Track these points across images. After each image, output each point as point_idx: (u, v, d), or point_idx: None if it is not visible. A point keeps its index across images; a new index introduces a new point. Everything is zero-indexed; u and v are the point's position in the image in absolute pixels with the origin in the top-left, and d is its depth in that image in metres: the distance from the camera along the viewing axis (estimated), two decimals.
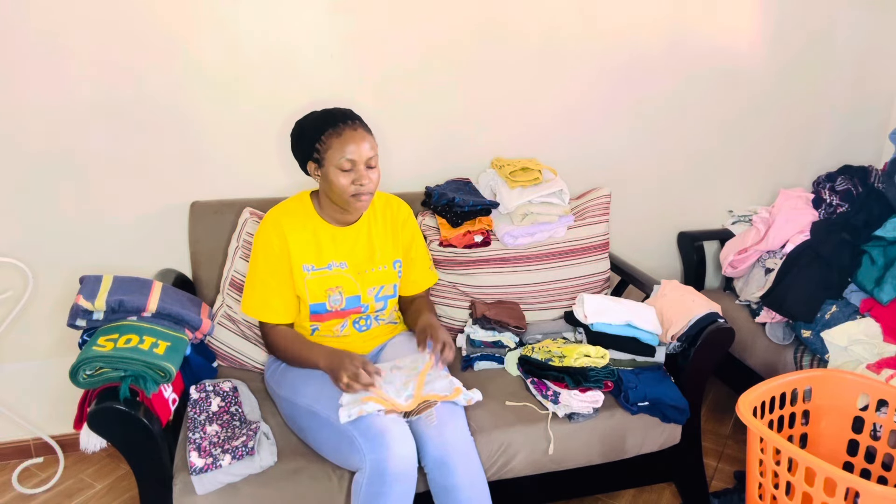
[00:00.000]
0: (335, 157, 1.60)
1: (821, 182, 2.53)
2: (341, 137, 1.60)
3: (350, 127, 1.62)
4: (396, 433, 1.49)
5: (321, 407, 1.58)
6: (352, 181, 1.62)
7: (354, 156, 1.60)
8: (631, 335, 1.90)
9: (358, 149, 1.61)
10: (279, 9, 2.03)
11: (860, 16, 2.61)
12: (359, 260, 1.76)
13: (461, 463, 1.53)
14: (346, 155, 1.60)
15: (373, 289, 1.77)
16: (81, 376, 1.47)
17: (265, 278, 1.72)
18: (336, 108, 1.68)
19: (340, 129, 1.61)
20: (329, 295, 1.73)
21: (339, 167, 1.61)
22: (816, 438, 1.84)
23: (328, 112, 1.66)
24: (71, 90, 1.94)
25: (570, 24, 2.30)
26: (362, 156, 1.62)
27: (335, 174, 1.62)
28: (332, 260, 1.73)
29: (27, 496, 2.07)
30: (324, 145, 1.61)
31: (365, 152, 1.62)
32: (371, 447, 1.46)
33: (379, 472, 1.44)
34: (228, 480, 1.52)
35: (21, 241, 2.02)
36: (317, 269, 1.72)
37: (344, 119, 1.63)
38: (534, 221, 2.15)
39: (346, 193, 1.63)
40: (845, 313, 2.12)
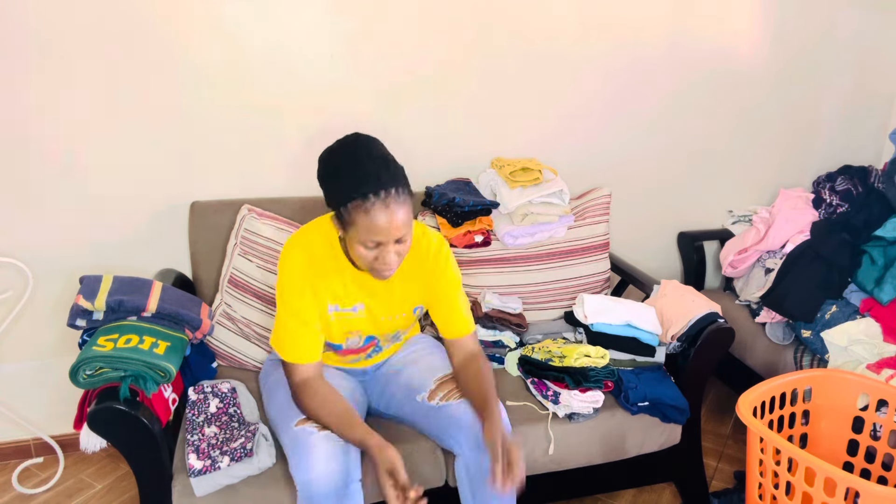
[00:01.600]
0: (359, 233, 1.35)
1: (821, 182, 2.53)
2: (369, 215, 1.32)
3: (382, 201, 1.32)
4: (323, 451, 1.42)
5: (280, 421, 1.56)
6: (375, 257, 1.40)
7: (381, 237, 1.35)
8: (631, 335, 1.90)
9: (387, 229, 1.34)
10: (279, 9, 2.03)
11: (860, 16, 2.61)
12: (379, 304, 1.60)
13: None
14: (371, 236, 1.35)
15: (388, 333, 1.71)
16: (81, 376, 1.47)
17: (293, 316, 1.53)
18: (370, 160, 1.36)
19: (371, 204, 1.32)
20: (348, 337, 1.64)
21: (363, 244, 1.38)
22: (816, 438, 1.84)
23: (358, 171, 1.34)
24: (71, 90, 1.94)
25: (570, 25, 2.30)
26: (390, 236, 1.36)
27: (357, 247, 1.39)
28: (357, 301, 1.57)
29: (27, 496, 2.07)
30: (349, 216, 1.35)
31: (395, 233, 1.36)
32: (297, 468, 1.42)
33: (307, 496, 1.41)
34: (227, 482, 1.52)
35: (21, 241, 2.02)
36: (341, 309, 1.57)
37: (376, 189, 1.32)
38: (534, 221, 2.15)
39: (369, 267, 1.43)
40: (845, 313, 2.12)
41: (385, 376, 1.75)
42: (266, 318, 1.94)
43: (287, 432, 1.50)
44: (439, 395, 1.62)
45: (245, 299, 1.95)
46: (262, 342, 1.94)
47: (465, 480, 1.59)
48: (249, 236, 1.97)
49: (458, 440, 1.57)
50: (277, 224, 1.99)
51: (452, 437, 1.58)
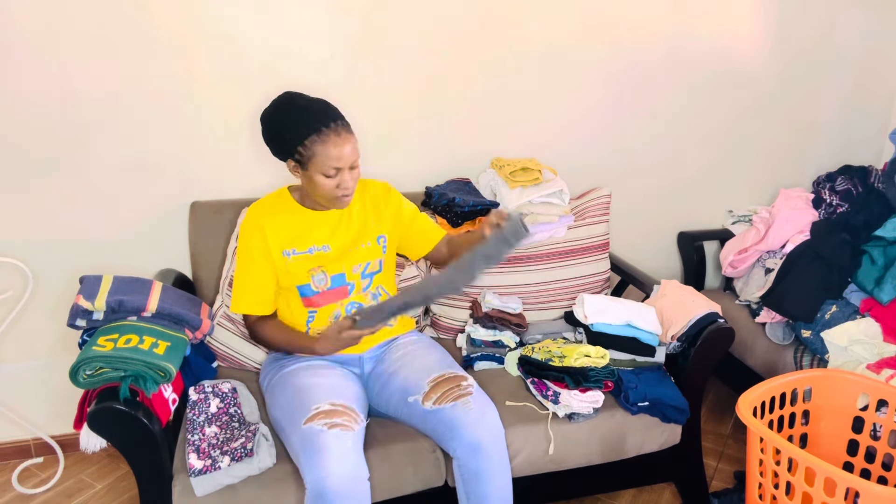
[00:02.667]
0: (319, 164, 1.55)
1: (821, 182, 2.53)
2: (327, 144, 1.54)
3: (334, 132, 1.54)
4: (336, 449, 1.44)
5: (286, 421, 1.57)
6: (336, 185, 1.59)
7: (340, 163, 1.56)
8: (631, 335, 1.90)
9: (343, 155, 1.55)
10: (279, 9, 2.03)
11: (860, 17, 2.61)
12: (343, 240, 1.74)
13: (495, 449, 1.58)
14: (332, 163, 1.55)
15: (357, 266, 1.75)
16: (81, 376, 1.47)
17: (244, 271, 1.70)
18: (314, 101, 1.59)
19: (326, 135, 1.54)
20: (312, 275, 1.70)
21: (324, 174, 1.57)
22: (816, 438, 1.84)
23: (308, 110, 1.56)
24: (71, 90, 1.94)
25: (570, 26, 2.30)
26: (347, 161, 1.57)
27: (319, 178, 1.58)
28: (314, 244, 1.71)
29: (27, 496, 2.07)
30: (308, 151, 1.55)
31: (349, 157, 1.57)
32: (309, 466, 1.43)
33: (318, 493, 1.41)
34: (227, 482, 1.52)
35: (21, 241, 2.02)
36: (298, 252, 1.70)
37: (326, 121, 1.55)
38: (534, 221, 2.15)
39: (331, 196, 1.61)
40: (845, 313, 2.12)
41: (382, 376, 1.75)
42: None
43: (296, 431, 1.51)
44: (433, 398, 1.62)
45: None
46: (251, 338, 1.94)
47: (460, 482, 1.61)
48: None
49: (452, 444, 1.59)
50: None
51: (447, 440, 1.60)
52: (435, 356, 1.76)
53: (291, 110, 1.57)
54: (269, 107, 1.61)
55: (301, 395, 1.58)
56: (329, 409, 1.52)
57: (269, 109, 1.61)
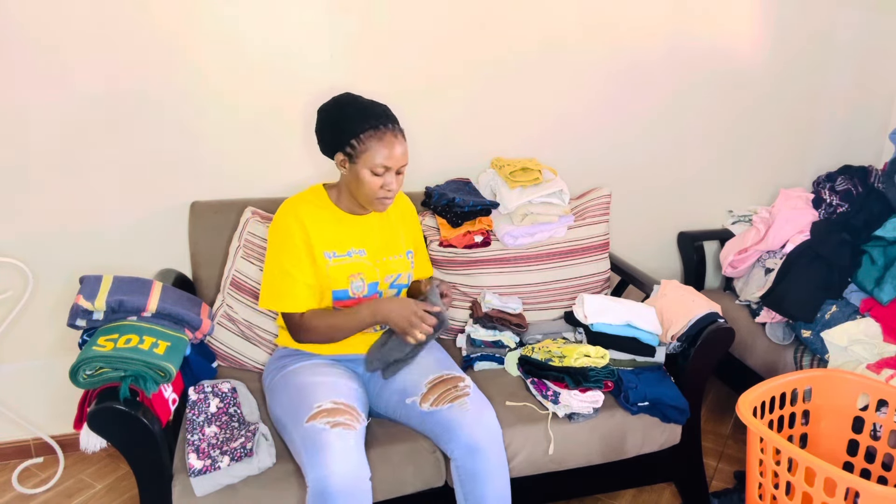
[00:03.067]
0: (371, 159, 1.56)
1: (821, 182, 2.53)
2: (382, 142, 1.56)
3: (391, 132, 1.57)
4: (338, 448, 1.44)
5: (288, 419, 1.57)
6: (381, 185, 1.60)
7: (391, 162, 1.57)
8: (631, 335, 1.90)
9: (395, 156, 1.57)
10: (279, 9, 2.03)
11: (860, 16, 2.61)
12: (376, 248, 1.74)
13: (492, 450, 1.58)
14: (383, 161, 1.56)
15: (389, 276, 1.76)
16: (81, 376, 1.47)
17: (288, 268, 1.64)
18: (374, 102, 1.63)
19: (382, 133, 1.56)
20: (352, 281, 1.69)
21: (373, 171, 1.57)
22: (816, 438, 1.84)
23: (369, 108, 1.60)
24: (71, 91, 1.94)
25: (570, 25, 2.30)
26: (397, 163, 1.59)
27: (366, 175, 1.58)
28: (352, 247, 1.70)
29: (27, 496, 2.07)
30: (362, 145, 1.56)
31: (400, 160, 1.59)
32: (311, 465, 1.43)
33: (319, 492, 1.41)
34: (227, 482, 1.52)
35: (21, 241, 2.02)
36: (339, 255, 1.68)
37: (386, 121, 1.58)
38: (534, 221, 2.15)
39: (374, 195, 1.61)
40: (845, 313, 2.12)
41: (381, 380, 1.75)
42: (267, 321, 1.94)
43: (298, 429, 1.51)
44: (431, 399, 1.63)
45: (247, 301, 1.95)
46: (264, 344, 1.94)
47: (458, 483, 1.61)
48: (253, 239, 1.97)
49: (449, 445, 1.59)
50: None
51: (444, 441, 1.60)
52: (433, 357, 1.77)
53: (353, 105, 1.61)
54: (330, 101, 1.64)
55: (303, 394, 1.58)
56: (331, 407, 1.52)
57: (328, 103, 1.64)
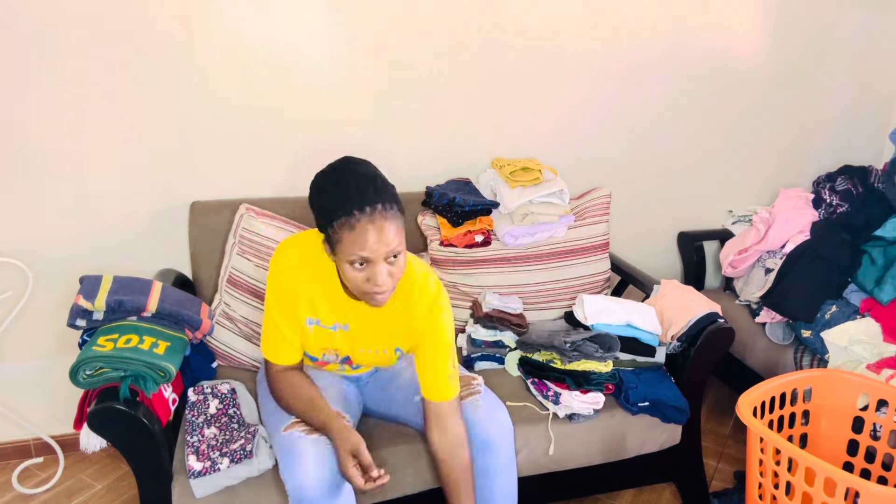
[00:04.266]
0: (346, 252, 1.31)
1: (821, 182, 2.53)
2: (354, 231, 1.28)
3: (367, 217, 1.28)
4: (314, 456, 1.41)
5: (271, 426, 1.56)
6: (366, 278, 1.34)
7: (369, 254, 1.30)
8: (631, 335, 1.90)
9: (375, 245, 1.29)
10: (279, 9, 2.03)
11: (860, 16, 2.61)
12: (362, 330, 1.55)
13: (503, 446, 1.58)
14: (358, 252, 1.30)
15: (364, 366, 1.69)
16: (81, 376, 1.47)
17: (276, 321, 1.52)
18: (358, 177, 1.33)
19: (355, 221, 1.28)
20: (324, 354, 1.60)
21: (350, 262, 1.32)
22: (816, 438, 1.84)
23: (346, 188, 1.31)
24: (71, 90, 1.94)
25: (571, 26, 2.30)
26: (380, 253, 1.30)
27: (347, 268, 1.34)
28: (338, 321, 1.53)
29: (27, 496, 2.07)
30: (336, 234, 1.31)
31: (383, 248, 1.30)
32: (289, 473, 1.41)
33: (297, 501, 1.40)
34: (227, 483, 1.52)
35: (21, 241, 2.02)
36: (321, 325, 1.53)
37: (362, 205, 1.28)
38: (534, 221, 2.15)
39: (361, 290, 1.37)
40: (845, 313, 2.12)
41: (383, 380, 1.75)
42: None
43: (276, 437, 1.50)
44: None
45: (244, 298, 1.95)
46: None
47: None
48: (248, 235, 1.96)
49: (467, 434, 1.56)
50: (276, 223, 1.99)
51: None
52: None
53: (332, 184, 1.34)
54: (321, 171, 1.40)
55: None
56: None
57: (318, 174, 1.39)
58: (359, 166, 1.37)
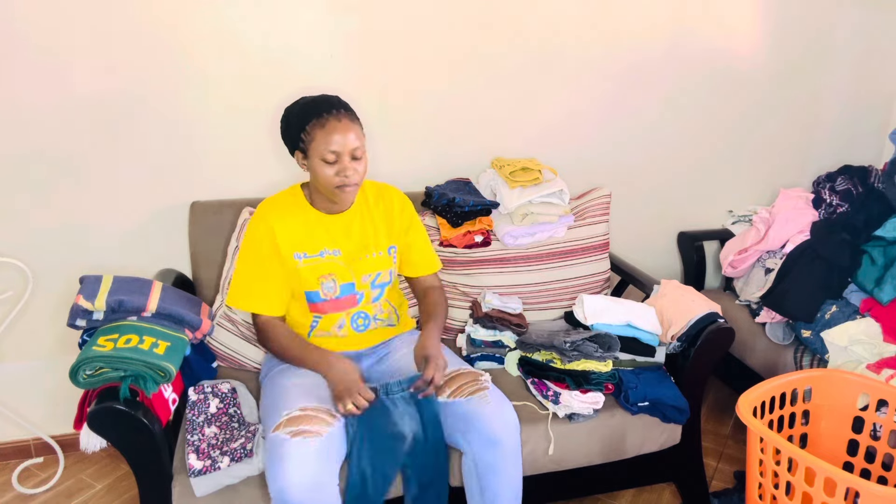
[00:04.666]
0: (319, 148, 1.56)
1: (821, 182, 2.53)
2: (325, 129, 1.55)
3: (334, 117, 1.57)
4: (296, 458, 1.41)
5: (266, 425, 1.56)
6: (336, 172, 1.59)
7: (338, 147, 1.56)
8: (631, 335, 1.90)
9: (342, 140, 1.56)
10: (279, 9, 2.03)
11: (860, 16, 2.61)
12: (352, 247, 1.73)
13: (510, 443, 1.58)
14: (329, 147, 1.56)
15: (367, 276, 1.75)
16: (81, 376, 1.47)
17: (251, 268, 1.69)
18: (323, 95, 1.64)
19: (324, 120, 1.56)
20: (322, 282, 1.70)
21: (323, 159, 1.57)
22: (816, 438, 1.84)
23: (314, 100, 1.61)
24: (71, 90, 1.94)
25: (570, 26, 2.30)
26: (346, 147, 1.57)
27: (319, 165, 1.58)
28: (325, 247, 1.70)
29: (27, 496, 2.07)
30: (308, 136, 1.57)
31: (349, 143, 1.57)
32: (273, 476, 1.41)
33: (281, 503, 1.40)
34: (227, 482, 1.52)
35: (21, 241, 2.02)
36: (309, 256, 1.69)
37: (329, 108, 1.58)
38: (534, 221, 2.15)
39: (331, 185, 1.60)
40: (845, 313, 2.12)
41: (386, 373, 1.75)
42: None
43: (267, 439, 1.50)
44: (448, 391, 1.63)
45: None
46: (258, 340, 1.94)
47: (472, 476, 1.60)
48: None
49: (465, 436, 1.58)
50: None
51: (460, 433, 1.59)
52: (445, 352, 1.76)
53: (300, 102, 1.63)
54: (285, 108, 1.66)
55: (276, 401, 1.57)
56: (297, 415, 1.48)
57: (287, 107, 1.66)
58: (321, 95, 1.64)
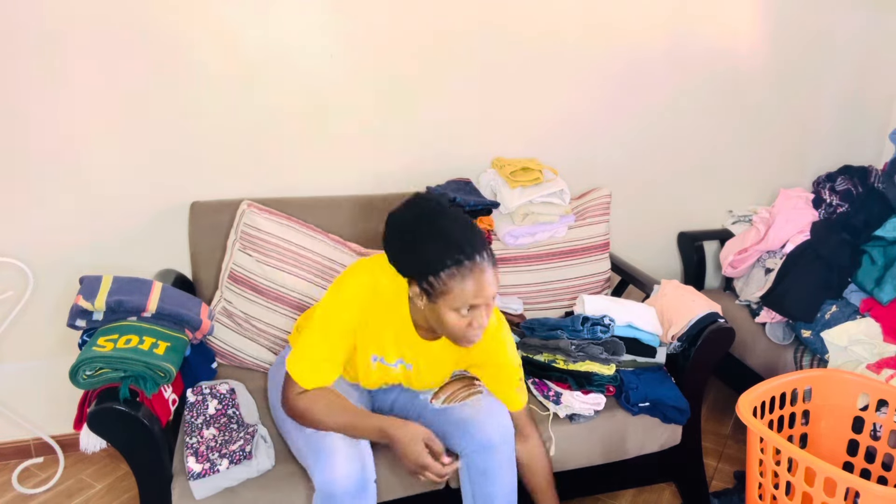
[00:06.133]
0: (454, 301, 1.33)
1: (821, 182, 2.53)
2: (465, 281, 1.31)
3: (479, 267, 1.32)
4: (344, 452, 1.43)
5: (293, 423, 1.53)
6: (468, 323, 1.37)
7: (479, 300, 1.34)
8: (631, 336, 1.90)
9: (485, 293, 1.33)
10: (279, 9, 2.03)
11: (860, 17, 2.61)
12: (424, 369, 1.59)
13: (504, 448, 1.58)
14: (468, 301, 1.33)
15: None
16: (81, 377, 1.47)
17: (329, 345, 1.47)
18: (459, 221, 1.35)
19: (466, 270, 1.31)
20: (383, 385, 1.65)
21: (457, 311, 1.35)
22: (816, 438, 1.84)
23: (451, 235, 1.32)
24: (71, 90, 1.94)
25: (571, 25, 2.30)
26: (487, 299, 1.35)
27: (448, 314, 1.35)
28: (402, 358, 1.56)
29: (27, 496, 2.07)
30: (443, 285, 1.32)
31: (489, 294, 1.35)
32: (319, 468, 1.42)
33: (327, 495, 1.41)
34: (226, 485, 1.52)
35: (21, 241, 2.02)
36: (385, 363, 1.56)
37: (472, 253, 1.31)
38: (534, 221, 2.15)
39: (461, 335, 1.39)
40: (845, 313, 2.12)
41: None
42: (267, 314, 1.94)
43: (302, 434, 1.50)
44: (443, 397, 1.63)
45: (245, 294, 1.94)
46: (262, 338, 1.94)
47: (466, 481, 1.61)
48: (249, 231, 1.96)
49: (461, 442, 1.58)
50: (277, 219, 1.99)
51: (456, 438, 1.59)
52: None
53: (429, 230, 1.34)
54: (401, 214, 1.38)
55: None
56: None
57: (399, 217, 1.37)
58: (449, 211, 1.38)
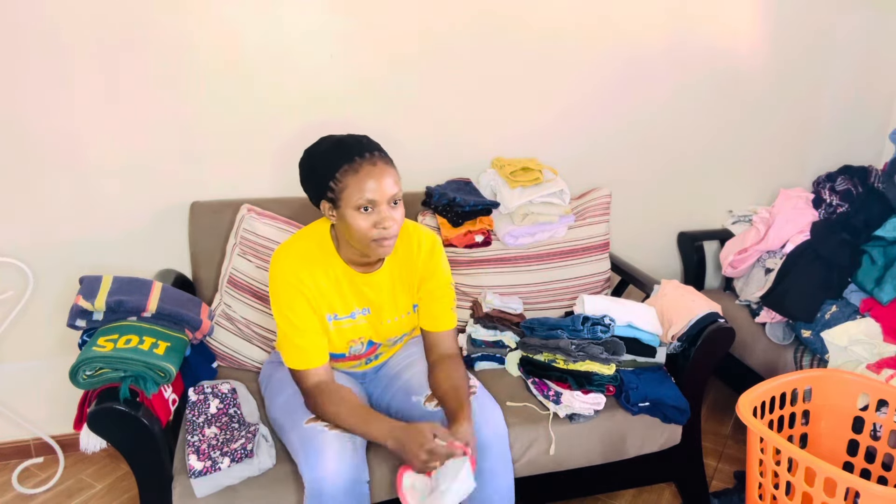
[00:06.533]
0: (353, 197, 1.38)
1: (821, 182, 2.53)
2: (359, 174, 1.38)
3: (369, 161, 1.39)
4: (336, 450, 1.43)
5: (286, 420, 1.56)
6: (373, 224, 1.41)
7: (375, 195, 1.39)
8: (632, 336, 1.90)
9: (379, 186, 1.39)
10: (279, 9, 2.03)
11: (860, 17, 2.61)
12: (381, 307, 1.60)
13: (498, 449, 1.57)
14: (365, 194, 1.38)
15: (392, 339, 1.71)
16: (81, 377, 1.47)
17: (292, 327, 1.52)
18: (350, 135, 1.46)
19: (357, 165, 1.38)
20: (351, 346, 1.63)
21: (358, 208, 1.40)
22: (816, 438, 1.84)
23: (341, 142, 1.43)
24: (71, 90, 1.94)
25: (570, 25, 2.30)
26: (384, 194, 1.40)
27: (353, 216, 1.40)
28: (356, 307, 1.57)
29: (27, 496, 2.07)
30: (339, 184, 1.39)
31: (387, 190, 1.40)
32: (309, 466, 1.42)
33: (317, 493, 1.40)
34: (228, 483, 1.52)
35: (21, 241, 2.02)
36: (340, 317, 1.57)
37: (361, 151, 1.40)
38: (534, 221, 2.15)
39: (367, 238, 1.42)
40: (845, 313, 2.12)
41: (386, 377, 1.75)
42: (266, 319, 1.94)
43: (295, 430, 1.50)
44: (434, 402, 1.62)
45: (244, 299, 1.95)
46: (262, 342, 1.94)
47: None
48: (248, 236, 1.97)
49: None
50: (277, 224, 1.99)
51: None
52: None
53: (324, 146, 1.45)
54: (308, 149, 1.49)
55: (299, 397, 1.57)
56: None
57: (306, 150, 1.49)
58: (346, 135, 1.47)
